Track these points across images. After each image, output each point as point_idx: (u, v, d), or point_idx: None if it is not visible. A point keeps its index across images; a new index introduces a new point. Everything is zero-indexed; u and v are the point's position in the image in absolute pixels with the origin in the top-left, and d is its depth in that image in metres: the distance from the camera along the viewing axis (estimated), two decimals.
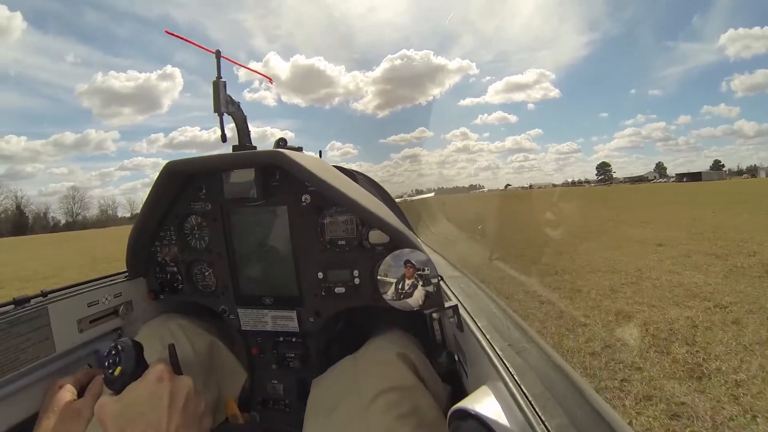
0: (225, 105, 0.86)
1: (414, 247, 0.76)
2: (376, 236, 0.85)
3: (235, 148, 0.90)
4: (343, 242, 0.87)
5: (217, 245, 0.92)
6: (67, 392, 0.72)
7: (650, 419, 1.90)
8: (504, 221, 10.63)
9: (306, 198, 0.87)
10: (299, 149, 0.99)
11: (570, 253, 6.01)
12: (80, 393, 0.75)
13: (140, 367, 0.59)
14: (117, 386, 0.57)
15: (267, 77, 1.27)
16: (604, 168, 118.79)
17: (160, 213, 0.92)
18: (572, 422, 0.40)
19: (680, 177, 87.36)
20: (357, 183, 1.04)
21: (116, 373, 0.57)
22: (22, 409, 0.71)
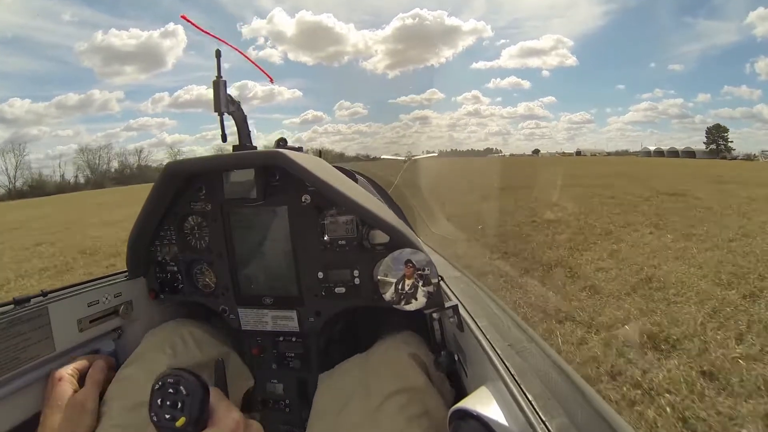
0: (225, 104, 0.86)
1: (414, 246, 0.76)
2: (376, 236, 0.85)
3: (235, 148, 0.90)
4: (343, 242, 0.87)
5: (217, 245, 0.92)
6: (68, 384, 0.71)
7: None
8: None
9: (306, 198, 0.87)
10: (299, 149, 0.99)
11: None
12: (80, 381, 0.74)
13: (203, 414, 0.49)
14: None
15: (268, 76, 1.27)
16: (719, 134, 70.45)
17: (160, 213, 0.92)
18: (572, 422, 0.40)
19: None
20: (357, 183, 1.04)
21: (179, 424, 0.47)
22: (22, 408, 0.71)
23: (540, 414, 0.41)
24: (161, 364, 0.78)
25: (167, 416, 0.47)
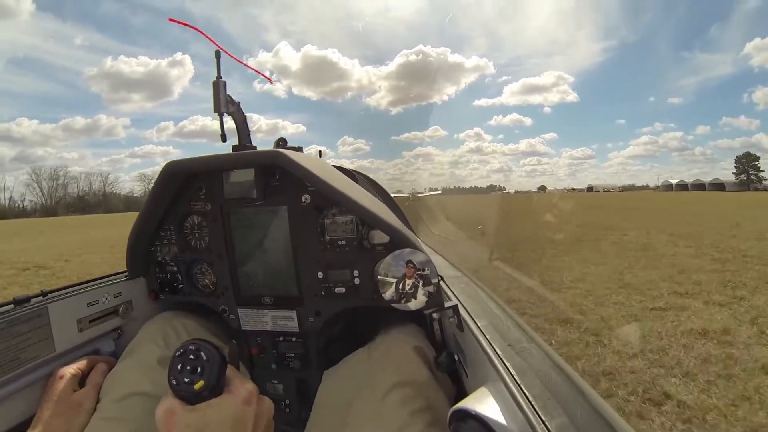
0: (225, 105, 0.86)
1: (414, 247, 0.76)
2: (376, 236, 0.85)
3: (234, 148, 0.90)
4: (343, 242, 0.87)
5: (217, 245, 0.92)
6: (68, 383, 0.72)
7: None
8: None
9: (306, 198, 0.87)
10: (299, 149, 0.99)
11: None
12: (82, 382, 0.75)
13: (221, 381, 0.51)
14: (191, 399, 0.49)
15: (267, 77, 1.27)
16: (749, 163, 64.88)
17: (160, 213, 0.92)
18: (572, 422, 0.40)
19: None
20: (357, 183, 1.04)
21: (197, 386, 0.48)
22: (21, 408, 0.71)
23: (540, 414, 0.41)
24: (152, 355, 0.79)
25: (186, 380, 0.49)
